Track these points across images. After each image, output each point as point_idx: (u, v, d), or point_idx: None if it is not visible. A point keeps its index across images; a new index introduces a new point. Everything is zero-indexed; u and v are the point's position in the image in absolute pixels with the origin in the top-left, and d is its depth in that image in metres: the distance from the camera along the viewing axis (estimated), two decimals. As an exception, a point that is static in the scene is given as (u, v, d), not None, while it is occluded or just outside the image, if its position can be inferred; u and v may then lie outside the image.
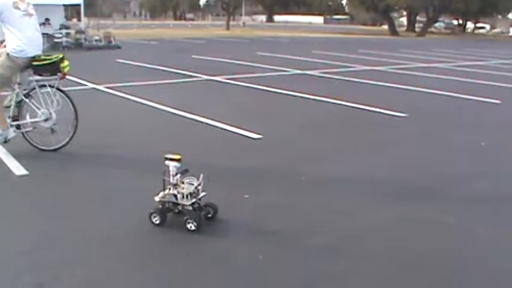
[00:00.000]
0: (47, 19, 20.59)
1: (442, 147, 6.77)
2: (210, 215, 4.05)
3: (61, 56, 5.86)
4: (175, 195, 3.96)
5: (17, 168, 5.27)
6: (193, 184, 3.97)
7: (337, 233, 3.95)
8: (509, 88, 12.66)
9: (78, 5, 24.17)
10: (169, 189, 3.99)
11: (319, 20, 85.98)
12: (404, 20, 69.78)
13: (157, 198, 4.00)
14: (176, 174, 3.97)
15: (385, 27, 57.94)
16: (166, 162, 3.98)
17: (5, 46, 5.62)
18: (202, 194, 4.02)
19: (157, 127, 7.53)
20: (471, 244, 3.87)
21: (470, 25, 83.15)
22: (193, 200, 3.94)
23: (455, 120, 8.60)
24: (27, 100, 5.86)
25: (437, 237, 3.96)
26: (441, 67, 17.32)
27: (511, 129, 8.20)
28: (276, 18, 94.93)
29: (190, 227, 3.86)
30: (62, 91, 5.88)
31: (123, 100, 9.33)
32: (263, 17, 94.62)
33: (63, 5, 24.07)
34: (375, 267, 3.44)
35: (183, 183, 3.96)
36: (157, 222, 3.95)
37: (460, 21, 78.92)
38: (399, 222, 4.21)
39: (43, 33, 6.80)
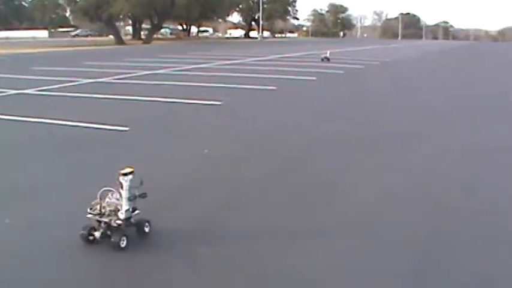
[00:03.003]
0: None
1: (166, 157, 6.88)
2: None
3: None
4: (134, 209, 3.89)
5: None
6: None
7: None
8: (229, 88, 13.43)
9: None
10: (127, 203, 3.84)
11: (44, 34, 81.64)
12: (130, 28, 70.05)
13: (122, 215, 3.79)
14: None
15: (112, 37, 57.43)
16: (124, 178, 3.78)
17: None
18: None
19: None
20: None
21: (194, 29, 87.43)
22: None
23: (176, 129, 8.77)
24: None
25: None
26: (164, 73, 17.71)
27: (230, 132, 8.79)
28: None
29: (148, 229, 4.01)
30: None
31: None
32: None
33: None
34: None
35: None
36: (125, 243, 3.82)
37: (185, 26, 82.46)
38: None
39: None
